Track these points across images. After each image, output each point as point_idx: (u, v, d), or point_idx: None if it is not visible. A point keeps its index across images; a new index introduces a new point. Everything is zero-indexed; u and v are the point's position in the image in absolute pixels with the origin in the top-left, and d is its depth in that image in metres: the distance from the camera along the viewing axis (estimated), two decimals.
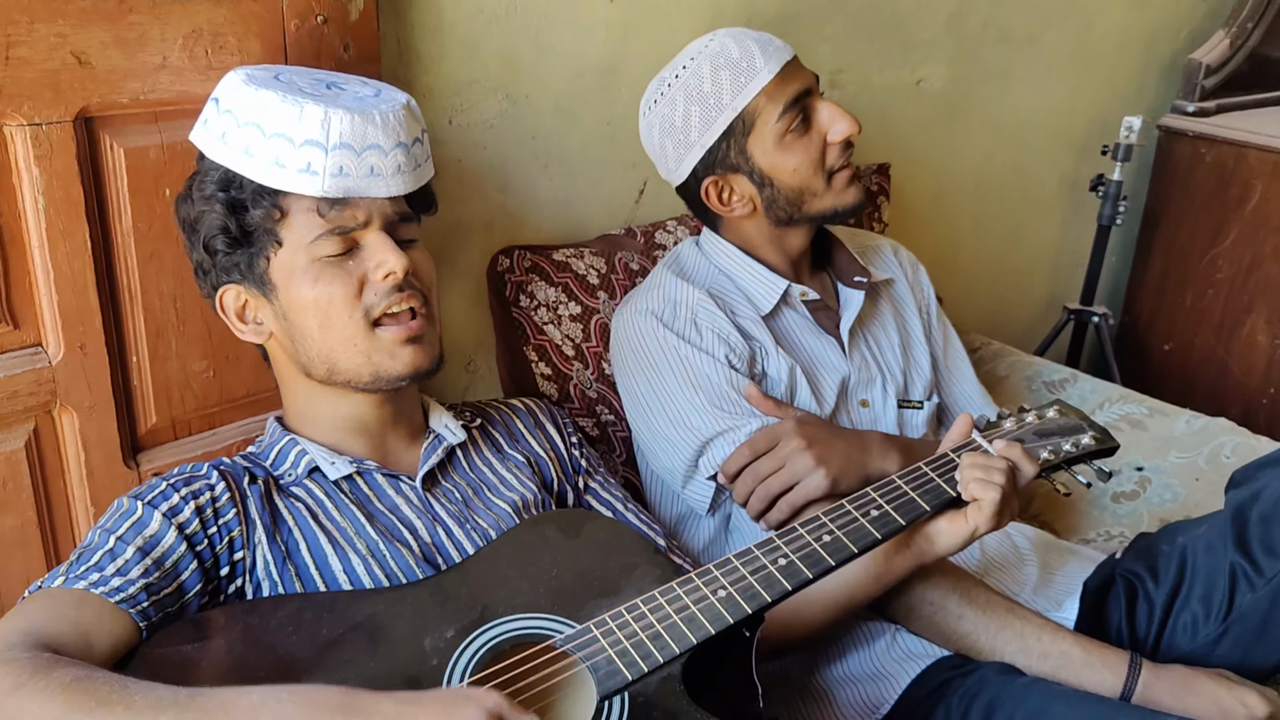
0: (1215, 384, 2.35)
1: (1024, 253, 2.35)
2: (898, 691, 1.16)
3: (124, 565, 0.89)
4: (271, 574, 0.97)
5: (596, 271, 1.47)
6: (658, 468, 1.33)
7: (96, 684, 0.74)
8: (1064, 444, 1.15)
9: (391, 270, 1.00)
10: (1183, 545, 1.22)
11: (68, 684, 0.74)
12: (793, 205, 1.32)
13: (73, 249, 1.05)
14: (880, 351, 1.41)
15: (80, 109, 1.02)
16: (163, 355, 1.15)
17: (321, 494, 1.04)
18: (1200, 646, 1.17)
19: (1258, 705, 1.07)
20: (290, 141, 0.96)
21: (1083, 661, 1.11)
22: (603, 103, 1.51)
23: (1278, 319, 2.23)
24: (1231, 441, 1.61)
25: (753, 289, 1.35)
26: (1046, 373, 1.86)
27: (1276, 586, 1.12)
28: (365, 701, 0.74)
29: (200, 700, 0.74)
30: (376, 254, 1.00)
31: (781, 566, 0.96)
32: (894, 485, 1.06)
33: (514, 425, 1.22)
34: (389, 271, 1.00)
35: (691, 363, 1.27)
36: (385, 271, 1.00)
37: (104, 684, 0.74)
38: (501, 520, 1.08)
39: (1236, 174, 2.25)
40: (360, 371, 1.02)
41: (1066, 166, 2.31)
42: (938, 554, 1.09)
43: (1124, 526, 1.58)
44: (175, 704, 0.73)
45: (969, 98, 2.05)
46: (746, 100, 1.27)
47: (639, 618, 0.91)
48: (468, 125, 1.40)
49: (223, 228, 1.00)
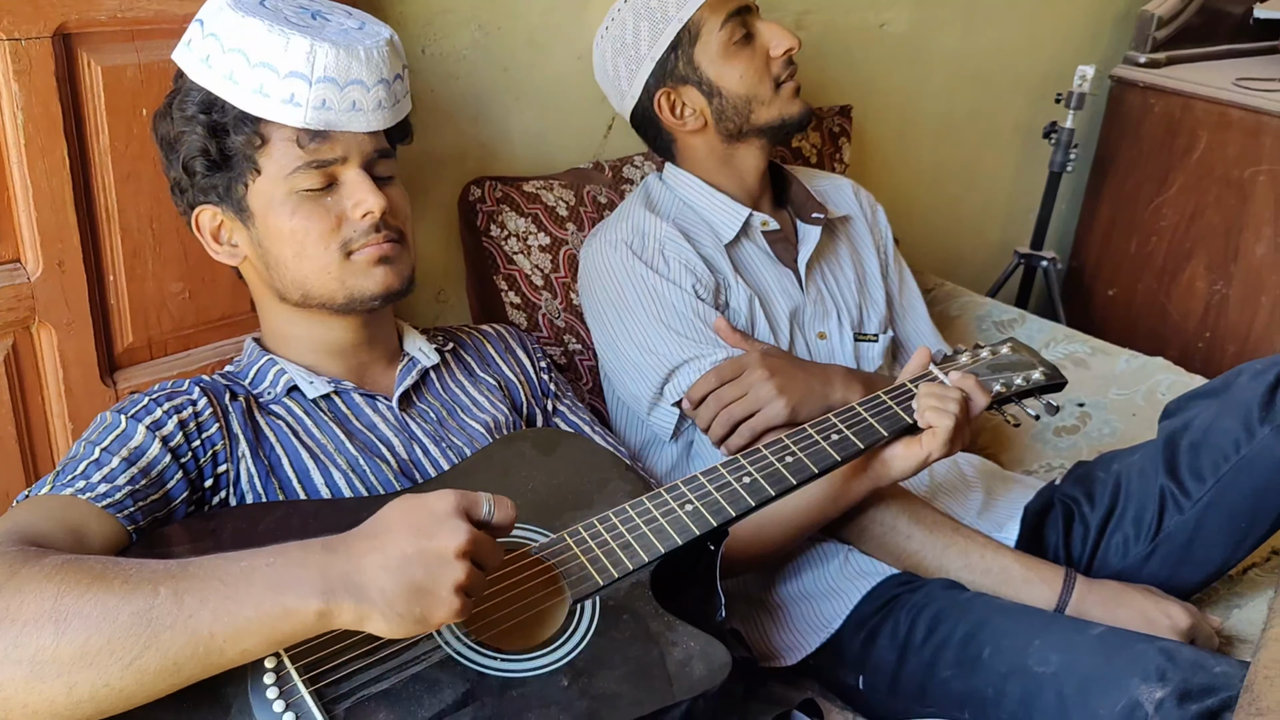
0: (1155, 327, 2.44)
1: (979, 197, 2.41)
2: (849, 607, 1.22)
3: (110, 474, 0.91)
4: (256, 486, 1.00)
5: (565, 204, 1.50)
6: (624, 394, 1.38)
7: (88, 563, 0.76)
8: (1015, 378, 1.21)
9: (369, 210, 1.02)
10: (1117, 471, 1.30)
11: (60, 565, 0.75)
12: (740, 115, 1.38)
13: (51, 166, 1.05)
14: (837, 286, 1.46)
15: (59, 25, 1.02)
16: (140, 275, 1.16)
17: (301, 412, 1.07)
18: (1130, 564, 1.25)
19: (1180, 617, 1.15)
20: (275, 71, 0.97)
21: (1021, 577, 1.18)
22: (574, 37, 1.53)
23: (1216, 266, 2.32)
24: (1167, 379, 1.69)
25: (715, 217, 1.40)
26: (996, 313, 1.93)
27: (1202, 509, 1.21)
28: (344, 547, 0.77)
29: (192, 568, 0.76)
30: (355, 193, 1.02)
31: (746, 484, 1.02)
32: (854, 412, 1.12)
33: (485, 350, 1.26)
34: (367, 211, 1.02)
35: (659, 292, 1.31)
36: (364, 211, 1.02)
37: (96, 562, 0.76)
38: (475, 439, 1.12)
39: (1183, 124, 2.32)
40: (335, 294, 1.05)
41: (1022, 113, 2.36)
42: (893, 478, 1.15)
43: (1065, 459, 1.66)
44: (169, 574, 0.75)
45: (930, 41, 2.09)
46: (691, 11, 1.36)
47: (610, 528, 0.95)
48: (441, 55, 1.41)
49: (203, 150, 1.01)
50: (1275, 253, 2.22)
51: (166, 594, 0.74)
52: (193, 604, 0.73)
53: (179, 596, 0.74)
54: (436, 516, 0.78)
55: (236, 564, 0.76)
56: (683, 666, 0.89)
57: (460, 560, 0.77)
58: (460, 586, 0.76)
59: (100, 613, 0.72)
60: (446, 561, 0.76)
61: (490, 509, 0.81)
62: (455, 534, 0.77)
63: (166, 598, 0.73)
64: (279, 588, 0.75)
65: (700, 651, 0.91)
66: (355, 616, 0.75)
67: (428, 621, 0.76)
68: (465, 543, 0.77)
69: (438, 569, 0.76)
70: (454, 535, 0.77)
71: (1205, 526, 1.20)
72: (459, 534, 0.77)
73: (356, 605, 0.75)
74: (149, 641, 0.72)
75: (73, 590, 0.73)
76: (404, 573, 0.76)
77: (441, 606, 0.76)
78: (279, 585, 0.75)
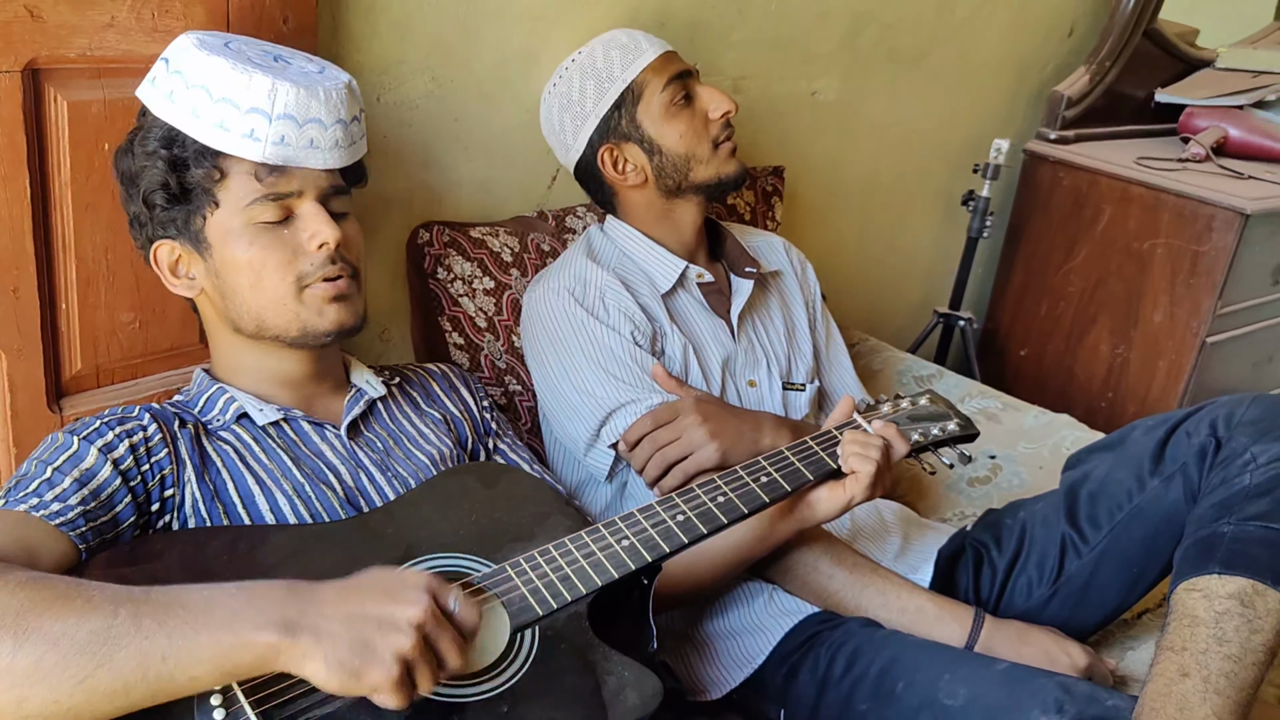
0: (1063, 386, 2.56)
1: (901, 258, 2.53)
2: (773, 643, 1.27)
3: (62, 493, 0.93)
4: (200, 511, 1.02)
5: (510, 250, 1.55)
6: (562, 435, 1.43)
7: (53, 582, 0.77)
8: (933, 428, 1.29)
9: (324, 241, 1.05)
10: (1023, 519, 1.39)
11: (24, 582, 0.76)
12: (680, 172, 1.46)
13: (12, 195, 1.08)
14: (767, 336, 1.54)
15: (29, 61, 1.05)
16: (92, 304, 1.18)
17: (249, 438, 1.09)
18: (1034, 605, 1.33)
19: (1079, 656, 1.24)
20: (236, 107, 1.01)
21: (934, 615, 1.25)
22: (523, 90, 1.59)
23: (1118, 330, 2.46)
24: (1072, 435, 1.79)
25: (653, 268, 1.47)
26: (916, 368, 2.02)
27: (1099, 554, 1.29)
28: (309, 591, 0.79)
29: (155, 595, 0.77)
30: (310, 225, 1.06)
31: (679, 522, 1.07)
32: (782, 456, 1.18)
33: (430, 387, 1.30)
34: (322, 242, 1.05)
35: (599, 337, 1.37)
36: (319, 242, 1.06)
37: (60, 582, 0.77)
38: (420, 471, 1.16)
39: (1090, 198, 2.46)
40: (288, 327, 1.08)
41: (942, 181, 2.48)
42: (818, 519, 1.20)
43: (977, 508, 1.74)
44: (131, 599, 0.76)
45: (858, 110, 2.20)
46: (635, 73, 1.44)
47: (550, 561, 0.99)
48: (395, 103, 1.46)
49: (163, 183, 1.04)
50: (1170, 320, 2.36)
51: (126, 615, 0.75)
52: (150, 626, 0.75)
53: (138, 619, 0.75)
54: (404, 585, 0.81)
55: (200, 593, 0.78)
56: (616, 695, 0.93)
57: (411, 630, 0.78)
58: (402, 655, 0.77)
59: (60, 630, 0.73)
60: (398, 626, 0.78)
61: (456, 604, 0.83)
62: (415, 604, 0.79)
63: (125, 618, 0.75)
64: (237, 617, 0.76)
65: (634, 680, 0.95)
66: (299, 654, 0.76)
67: (360, 677, 0.76)
68: (421, 614, 0.79)
69: (388, 631, 0.78)
70: (413, 605, 0.79)
71: (1101, 570, 1.29)
72: (418, 605, 0.79)
73: (302, 644, 0.76)
74: (103, 660, 0.73)
75: (35, 607, 0.74)
76: (355, 625, 0.77)
77: (378, 667, 0.76)
78: (237, 615, 0.76)
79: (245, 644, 0.76)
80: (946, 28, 2.29)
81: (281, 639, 0.76)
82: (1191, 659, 1.01)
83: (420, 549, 1.01)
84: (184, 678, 0.76)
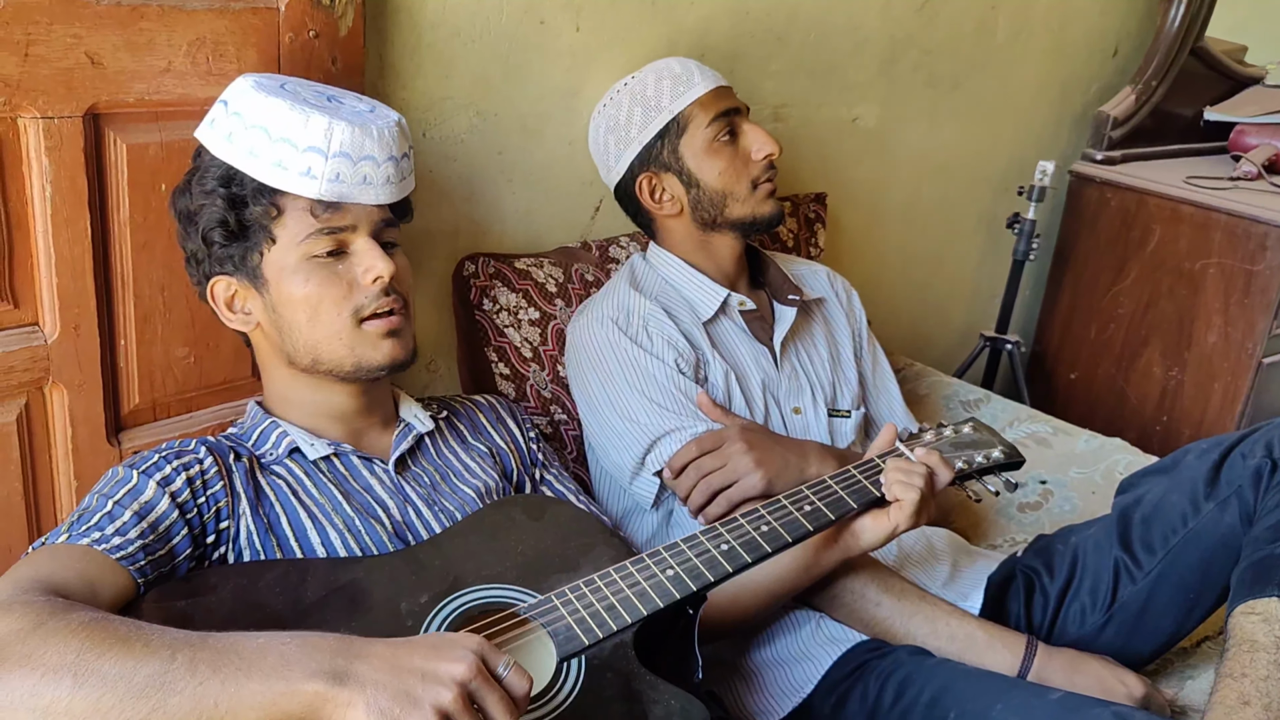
0: (1114, 410, 2.52)
1: (945, 283, 2.51)
2: (820, 672, 1.27)
3: (122, 526, 0.95)
4: (254, 543, 1.04)
5: (555, 280, 1.57)
6: (607, 464, 1.43)
7: (114, 624, 0.79)
8: (976, 455, 1.28)
9: (379, 275, 1.08)
10: (1075, 544, 1.36)
11: (86, 623, 0.78)
12: (715, 207, 1.47)
13: (74, 236, 1.11)
14: (811, 364, 1.54)
15: (90, 106, 1.09)
16: (148, 340, 1.21)
17: (301, 472, 1.11)
18: (1087, 633, 1.31)
19: (1136, 686, 1.21)
20: (294, 146, 1.04)
21: (985, 643, 1.24)
22: (565, 123, 1.62)
23: (1171, 352, 2.42)
24: (1125, 459, 1.76)
25: (695, 296, 1.48)
26: (963, 393, 2.01)
27: (1153, 579, 1.27)
28: (360, 645, 0.80)
29: (211, 641, 0.79)
30: (365, 259, 1.09)
31: (724, 551, 1.07)
32: (825, 485, 1.18)
33: (477, 419, 1.31)
34: (377, 276, 1.08)
35: (643, 366, 1.38)
36: (374, 276, 1.08)
37: (120, 624, 0.79)
38: (466, 504, 1.17)
39: (1138, 218, 2.44)
40: (343, 362, 1.10)
41: (985, 204, 2.47)
42: (862, 548, 1.20)
43: (1028, 534, 1.72)
44: (189, 644, 0.78)
45: (899, 136, 2.20)
46: (683, 106, 1.45)
47: (595, 591, 0.99)
48: (440, 139, 1.49)
49: (221, 221, 1.07)
50: (1225, 341, 2.32)
51: (183, 660, 0.77)
52: (205, 672, 0.76)
53: (194, 665, 0.76)
54: (453, 643, 0.82)
55: (255, 640, 0.80)
56: None
57: (453, 685, 0.78)
58: (441, 708, 0.77)
59: (118, 673, 0.75)
60: (442, 681, 0.78)
61: (506, 669, 0.82)
62: (460, 662, 0.79)
63: (182, 664, 0.76)
64: (288, 665, 0.77)
65: (680, 709, 0.95)
66: (344, 702, 0.76)
67: None
68: (466, 670, 0.79)
69: (431, 684, 0.78)
70: (459, 662, 0.79)
71: (1156, 596, 1.27)
72: (464, 663, 0.79)
73: (348, 692, 0.76)
74: (157, 704, 0.75)
75: (96, 648, 0.76)
76: (401, 676, 0.78)
77: (417, 717, 0.76)
78: (289, 663, 0.78)
79: (295, 692, 0.77)
80: (985, 52, 2.28)
81: (329, 688, 0.77)
82: (1252, 686, 0.99)
83: (467, 581, 1.02)
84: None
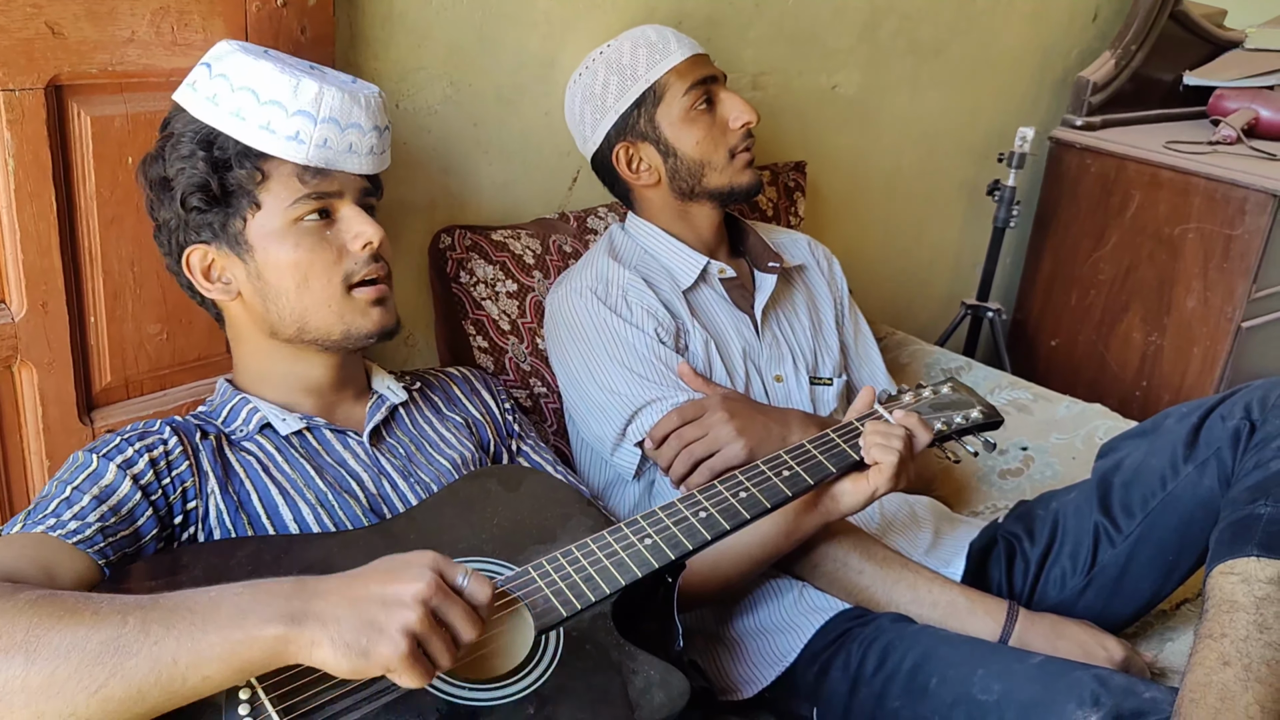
0: (1095, 376, 2.53)
1: (926, 251, 2.51)
2: (803, 641, 1.27)
3: (80, 511, 0.93)
4: (224, 522, 1.03)
5: (532, 252, 1.56)
6: (588, 435, 1.43)
7: (61, 598, 0.78)
8: (955, 416, 1.28)
9: (369, 240, 1.08)
10: (1056, 509, 1.37)
11: (34, 600, 0.77)
12: (693, 177, 1.45)
13: (39, 211, 1.09)
14: (792, 331, 1.53)
15: (52, 77, 1.07)
16: (119, 317, 1.19)
17: (272, 448, 1.10)
18: (1068, 596, 1.31)
19: (1116, 649, 1.22)
20: (284, 109, 1.03)
21: (967, 609, 1.24)
22: (541, 94, 1.60)
23: (1151, 318, 2.43)
24: (1105, 424, 1.77)
25: (674, 265, 1.47)
26: (944, 361, 2.01)
27: (1133, 542, 1.27)
28: (314, 583, 0.80)
29: (162, 601, 0.78)
30: (354, 225, 1.08)
31: (702, 519, 1.06)
32: (804, 449, 1.17)
33: (451, 391, 1.30)
34: (367, 241, 1.08)
35: (623, 336, 1.37)
36: (364, 242, 1.08)
37: (69, 597, 0.78)
38: (442, 475, 1.16)
39: (1118, 184, 2.44)
40: (331, 329, 1.09)
41: (966, 171, 2.46)
42: (842, 512, 1.20)
43: (1009, 500, 1.72)
44: (139, 606, 0.77)
45: (879, 103, 2.19)
46: (659, 74, 1.43)
47: (573, 561, 0.99)
48: (414, 110, 1.47)
49: (202, 185, 1.04)
50: (1204, 306, 2.33)
51: (134, 623, 0.76)
52: (159, 631, 0.75)
53: (146, 625, 0.76)
54: (407, 564, 0.81)
55: (206, 595, 0.79)
56: (643, 694, 0.93)
57: (416, 605, 0.78)
58: (408, 629, 0.77)
59: (70, 643, 0.74)
60: (403, 602, 0.77)
61: (465, 578, 0.82)
62: (418, 580, 0.79)
63: (134, 626, 0.75)
64: (243, 613, 0.77)
65: (660, 679, 0.95)
66: (307, 642, 0.76)
67: (369, 656, 0.76)
68: (425, 588, 0.78)
69: (392, 607, 0.77)
70: (416, 580, 0.79)
71: (1136, 559, 1.27)
72: (421, 580, 0.79)
73: (309, 632, 0.76)
74: (114, 669, 0.74)
75: (44, 622, 0.75)
76: (360, 606, 0.77)
77: (386, 643, 0.76)
78: (243, 611, 0.77)
79: (253, 639, 0.76)
80: (966, 18, 2.27)
81: (288, 630, 0.76)
82: (1232, 646, 0.99)
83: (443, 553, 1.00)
84: (196, 678, 0.76)
